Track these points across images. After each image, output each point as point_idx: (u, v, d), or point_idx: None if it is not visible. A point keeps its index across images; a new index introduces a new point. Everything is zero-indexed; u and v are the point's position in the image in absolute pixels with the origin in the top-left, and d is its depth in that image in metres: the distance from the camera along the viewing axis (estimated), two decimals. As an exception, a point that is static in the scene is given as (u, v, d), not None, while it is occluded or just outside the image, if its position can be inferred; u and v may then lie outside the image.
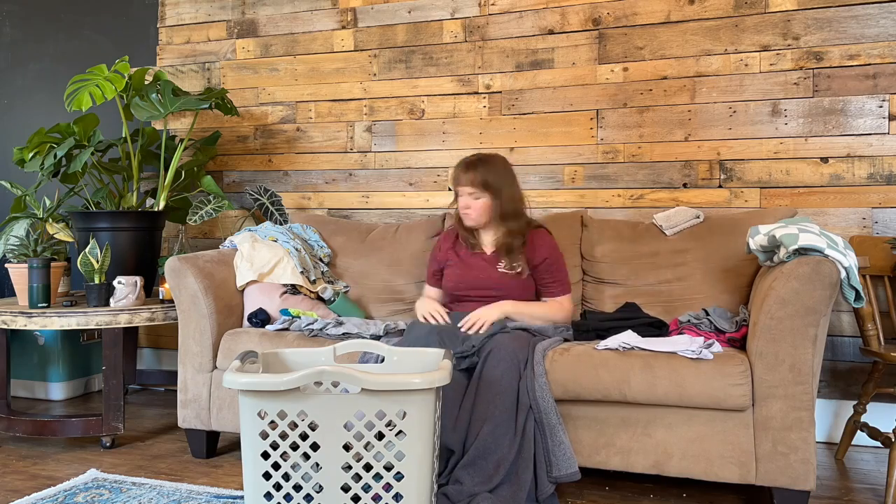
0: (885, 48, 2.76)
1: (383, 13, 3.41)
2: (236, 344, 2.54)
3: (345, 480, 1.63)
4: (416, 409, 1.62)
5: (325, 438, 1.63)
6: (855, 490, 2.32)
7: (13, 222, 3.15)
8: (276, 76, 3.59)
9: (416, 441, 1.63)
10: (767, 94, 2.89)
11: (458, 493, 1.95)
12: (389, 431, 1.63)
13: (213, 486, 2.32)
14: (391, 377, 1.59)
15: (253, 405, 1.64)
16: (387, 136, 3.41)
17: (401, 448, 1.63)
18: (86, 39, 3.95)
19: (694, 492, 2.33)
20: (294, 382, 1.60)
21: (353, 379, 1.60)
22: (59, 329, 3.05)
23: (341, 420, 1.63)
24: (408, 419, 1.62)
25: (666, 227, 2.74)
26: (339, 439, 1.63)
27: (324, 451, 1.64)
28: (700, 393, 2.05)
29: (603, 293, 2.74)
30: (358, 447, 1.63)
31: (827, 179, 2.83)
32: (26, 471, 2.52)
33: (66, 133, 3.20)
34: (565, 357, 2.20)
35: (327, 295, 2.83)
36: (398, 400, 1.61)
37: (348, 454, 1.64)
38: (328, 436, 1.63)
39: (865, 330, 2.44)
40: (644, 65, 3.04)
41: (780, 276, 2.04)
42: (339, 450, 1.63)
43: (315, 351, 1.96)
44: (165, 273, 2.63)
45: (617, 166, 3.08)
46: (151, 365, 3.84)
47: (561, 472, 2.06)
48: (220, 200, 3.21)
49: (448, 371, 1.67)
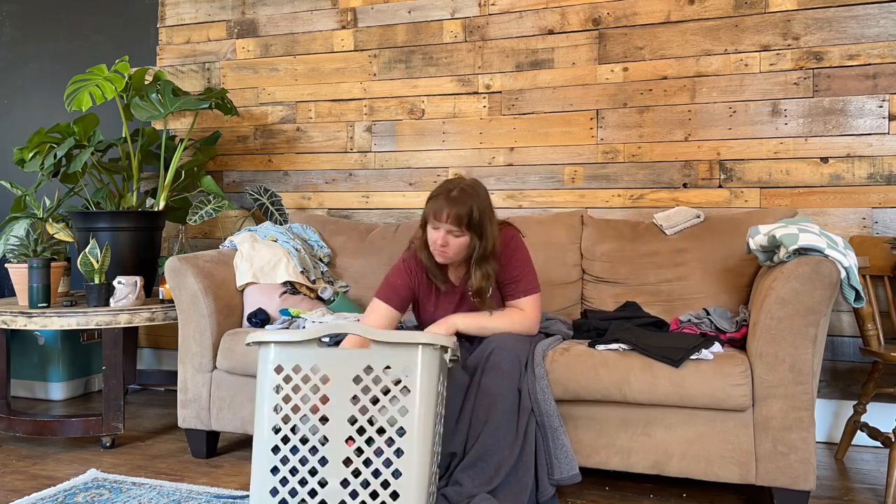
0: (885, 48, 2.76)
1: (383, 13, 3.41)
2: (236, 344, 2.54)
3: (350, 433, 1.73)
4: (422, 365, 1.72)
5: (335, 392, 1.75)
6: (855, 490, 2.32)
7: (13, 222, 3.15)
8: (276, 76, 3.59)
9: (420, 398, 1.71)
10: (767, 94, 2.89)
11: (458, 495, 1.94)
12: (395, 387, 1.72)
13: (213, 486, 2.32)
14: (400, 333, 1.73)
15: (272, 359, 1.77)
16: (387, 136, 3.41)
17: (405, 403, 1.72)
18: (86, 39, 3.95)
19: (694, 492, 2.33)
20: (313, 334, 1.75)
21: (365, 331, 1.73)
22: (59, 329, 3.05)
23: (351, 373, 1.74)
24: (412, 376, 1.72)
25: (666, 227, 2.74)
26: (347, 392, 1.74)
27: (332, 403, 1.74)
28: (700, 393, 2.05)
29: (603, 292, 2.74)
30: (364, 400, 1.73)
31: (827, 179, 2.83)
32: (26, 471, 2.52)
33: (66, 133, 3.20)
34: (565, 357, 2.20)
35: (327, 295, 2.83)
36: (405, 354, 1.72)
37: (355, 408, 1.73)
38: (338, 389, 1.75)
39: (865, 330, 2.44)
40: (644, 65, 3.04)
41: (780, 276, 2.04)
42: (347, 402, 1.74)
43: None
44: (165, 273, 2.63)
45: (617, 166, 3.08)
46: (151, 365, 3.84)
47: (562, 474, 2.06)
48: (220, 200, 3.21)
49: (454, 341, 1.78)
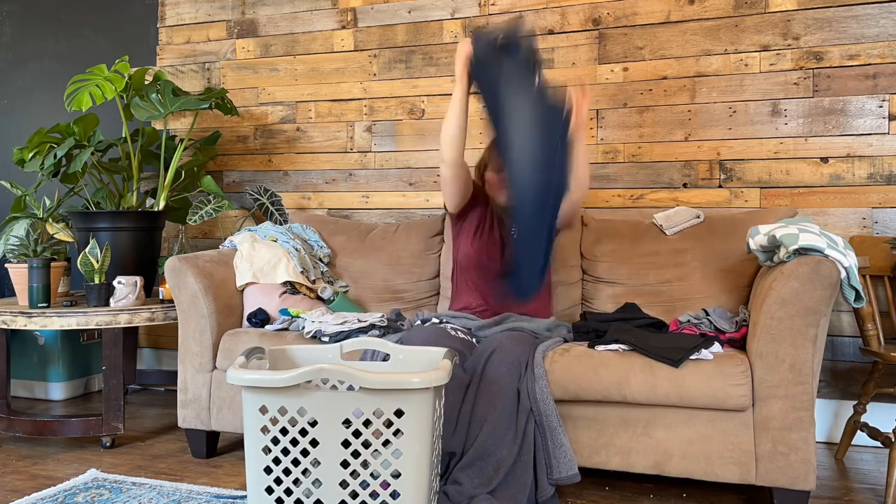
0: (885, 48, 2.76)
1: (383, 13, 3.41)
2: (236, 344, 2.54)
3: (343, 477, 1.66)
4: (414, 407, 1.64)
5: (325, 435, 1.67)
6: (855, 490, 2.32)
7: (13, 222, 3.15)
8: (276, 76, 3.59)
9: (414, 439, 1.65)
10: (767, 94, 2.89)
11: (457, 494, 1.94)
12: (387, 430, 1.65)
13: (213, 486, 2.32)
14: (389, 376, 1.62)
15: (255, 401, 1.69)
16: (387, 136, 3.41)
17: (398, 446, 1.65)
18: (86, 39, 3.95)
19: (694, 492, 2.33)
20: (293, 380, 1.63)
21: (351, 377, 1.62)
22: (59, 329, 3.06)
23: (340, 417, 1.66)
24: (405, 418, 1.64)
25: (666, 227, 2.73)
26: (337, 436, 1.66)
27: (323, 447, 1.67)
28: (700, 393, 2.05)
29: (603, 293, 2.74)
30: (356, 444, 1.66)
31: (827, 179, 2.83)
32: (26, 471, 2.52)
33: (66, 133, 3.20)
34: (565, 357, 2.20)
35: (326, 295, 2.83)
36: (396, 398, 1.64)
37: (347, 451, 1.66)
38: (327, 432, 1.66)
39: (865, 330, 2.44)
40: (644, 65, 3.04)
41: (780, 276, 2.04)
42: (338, 446, 1.66)
43: (322, 348, 2.00)
44: (165, 273, 2.63)
45: (617, 166, 3.08)
46: (151, 365, 3.84)
47: (561, 474, 2.06)
48: (220, 200, 3.21)
49: (447, 371, 1.69)
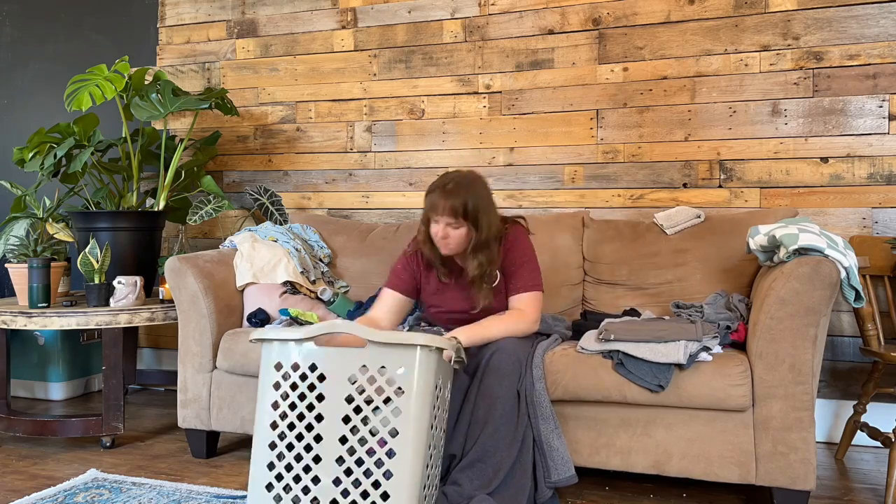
0: (885, 48, 2.75)
1: (383, 13, 3.41)
2: (236, 344, 2.54)
3: (343, 432, 1.75)
4: (417, 367, 1.73)
5: (331, 390, 1.77)
6: (855, 490, 2.32)
7: (13, 222, 3.15)
8: (276, 76, 3.59)
9: (414, 399, 1.72)
10: (767, 94, 2.89)
11: (457, 495, 1.94)
12: (389, 387, 1.74)
13: (213, 486, 2.32)
14: (396, 333, 1.75)
15: (272, 357, 1.83)
16: (387, 136, 3.41)
17: (398, 404, 1.73)
18: (86, 39, 3.95)
19: (694, 492, 2.33)
20: (310, 333, 1.79)
21: (361, 331, 1.75)
22: (59, 329, 3.05)
23: (347, 373, 1.77)
24: (407, 376, 1.73)
25: (667, 227, 2.73)
26: (342, 391, 1.77)
27: (327, 402, 1.77)
28: (700, 393, 2.05)
29: (603, 293, 2.74)
30: (359, 400, 1.75)
31: (827, 179, 2.83)
32: (26, 471, 2.52)
33: (66, 133, 3.20)
34: (565, 358, 2.19)
35: (326, 296, 2.83)
36: (400, 354, 1.74)
37: (349, 407, 1.76)
38: (333, 387, 1.77)
39: (865, 330, 2.44)
40: (644, 65, 3.04)
41: (780, 276, 2.04)
42: (342, 402, 1.76)
43: None
44: (165, 273, 2.63)
45: (617, 166, 3.08)
46: (151, 365, 3.84)
47: (559, 476, 2.06)
48: (220, 200, 3.20)
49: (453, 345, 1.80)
